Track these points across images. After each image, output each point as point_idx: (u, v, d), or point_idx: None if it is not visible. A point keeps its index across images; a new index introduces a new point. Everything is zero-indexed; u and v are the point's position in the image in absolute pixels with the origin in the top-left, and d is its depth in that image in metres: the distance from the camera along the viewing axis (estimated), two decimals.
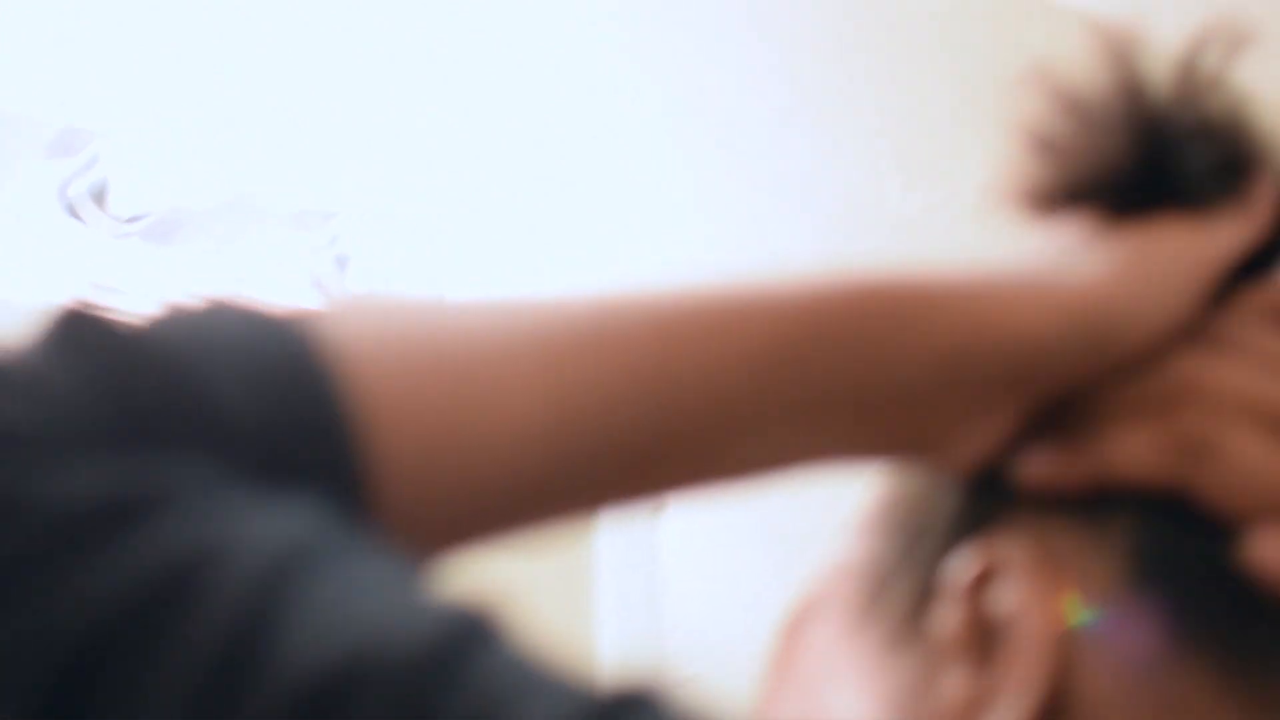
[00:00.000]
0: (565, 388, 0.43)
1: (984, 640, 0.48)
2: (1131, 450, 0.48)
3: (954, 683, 0.48)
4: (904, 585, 0.51)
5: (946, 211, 1.98)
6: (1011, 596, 0.48)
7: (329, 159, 1.68)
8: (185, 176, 1.58)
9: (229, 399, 0.38)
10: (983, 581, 0.48)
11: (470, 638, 0.36)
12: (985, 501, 0.50)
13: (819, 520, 2.02)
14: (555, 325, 0.44)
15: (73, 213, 1.53)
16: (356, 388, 0.40)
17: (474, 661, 0.35)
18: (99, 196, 1.53)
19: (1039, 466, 0.49)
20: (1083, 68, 0.51)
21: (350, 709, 0.34)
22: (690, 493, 0.47)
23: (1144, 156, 0.51)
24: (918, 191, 2.03)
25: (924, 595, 0.50)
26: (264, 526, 0.36)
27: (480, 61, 1.78)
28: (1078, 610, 0.48)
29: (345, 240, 1.68)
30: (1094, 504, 0.49)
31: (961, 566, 0.49)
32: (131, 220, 1.54)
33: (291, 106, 1.66)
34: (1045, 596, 0.48)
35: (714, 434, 0.46)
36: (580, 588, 1.77)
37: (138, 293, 1.54)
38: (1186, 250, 0.50)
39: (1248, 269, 0.51)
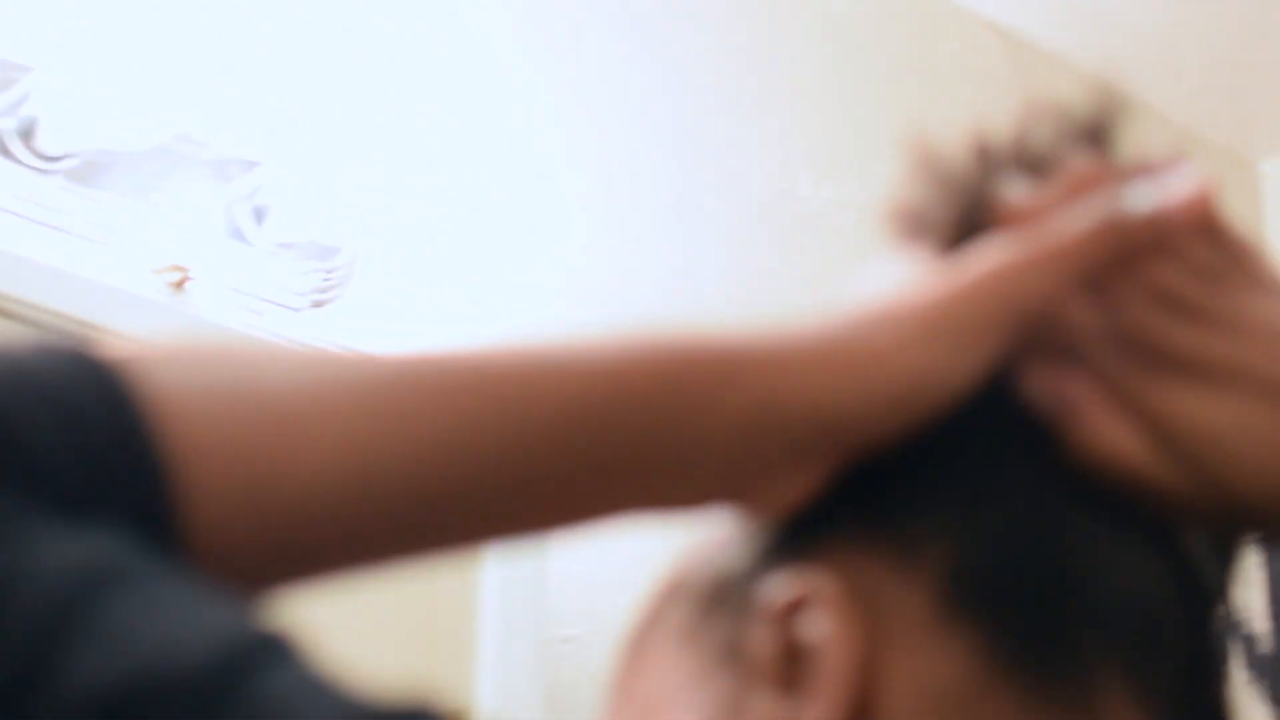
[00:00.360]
0: (373, 440, 0.44)
1: (793, 667, 0.49)
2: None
3: (762, 707, 0.49)
4: (725, 609, 0.52)
5: (854, 206, 2.04)
6: (819, 626, 0.49)
7: (256, 109, 1.69)
8: (114, 118, 1.59)
9: (40, 436, 0.39)
10: (793, 609, 0.49)
11: (258, 656, 0.37)
12: (804, 529, 0.51)
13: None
14: (372, 380, 0.45)
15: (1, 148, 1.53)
16: (170, 429, 0.41)
17: (259, 679, 0.36)
18: (27, 133, 1.53)
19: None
20: (988, 76, 0.53)
21: None
22: (504, 542, 0.49)
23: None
24: (826, 187, 2.08)
25: (742, 619, 0.51)
26: (62, 552, 0.37)
27: (402, 30, 1.81)
28: (883, 640, 0.49)
29: (266, 191, 1.69)
30: (905, 532, 0.50)
31: (775, 591, 0.50)
32: (58, 159, 1.55)
33: (225, 55, 1.67)
34: (851, 627, 0.49)
35: (519, 490, 0.47)
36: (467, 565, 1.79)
37: (60, 231, 1.54)
38: (995, 291, 0.51)
39: None
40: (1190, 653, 0.51)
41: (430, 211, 1.79)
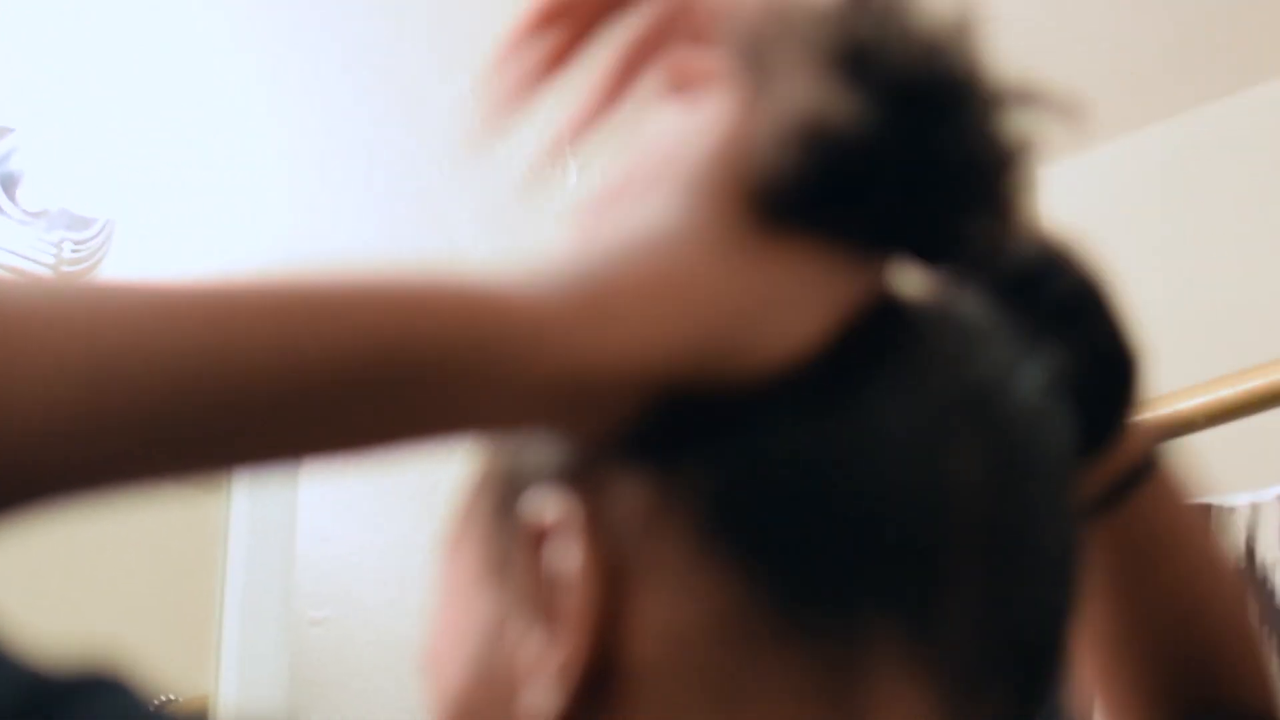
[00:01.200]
0: (107, 346, 0.41)
1: (548, 596, 0.47)
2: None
3: (516, 635, 0.47)
4: (509, 513, 0.49)
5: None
6: (568, 557, 0.46)
7: (10, 73, 1.73)
8: None
9: None
10: (548, 534, 0.47)
11: None
12: (581, 448, 0.48)
13: (453, 464, 2.14)
14: (118, 295, 0.43)
15: None
16: None
17: None
18: None
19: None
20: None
21: None
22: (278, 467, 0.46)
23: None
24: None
25: (516, 530, 0.49)
26: None
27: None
28: (638, 577, 0.46)
29: (20, 157, 1.74)
30: (666, 458, 0.47)
31: (534, 512, 0.48)
32: None
33: None
34: (597, 561, 0.46)
35: (278, 415, 0.43)
36: (215, 526, 1.70)
37: None
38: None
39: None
40: (1002, 558, 0.48)
41: (185, 180, 1.73)
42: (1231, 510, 1.66)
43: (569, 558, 0.46)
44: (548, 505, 0.47)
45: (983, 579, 0.47)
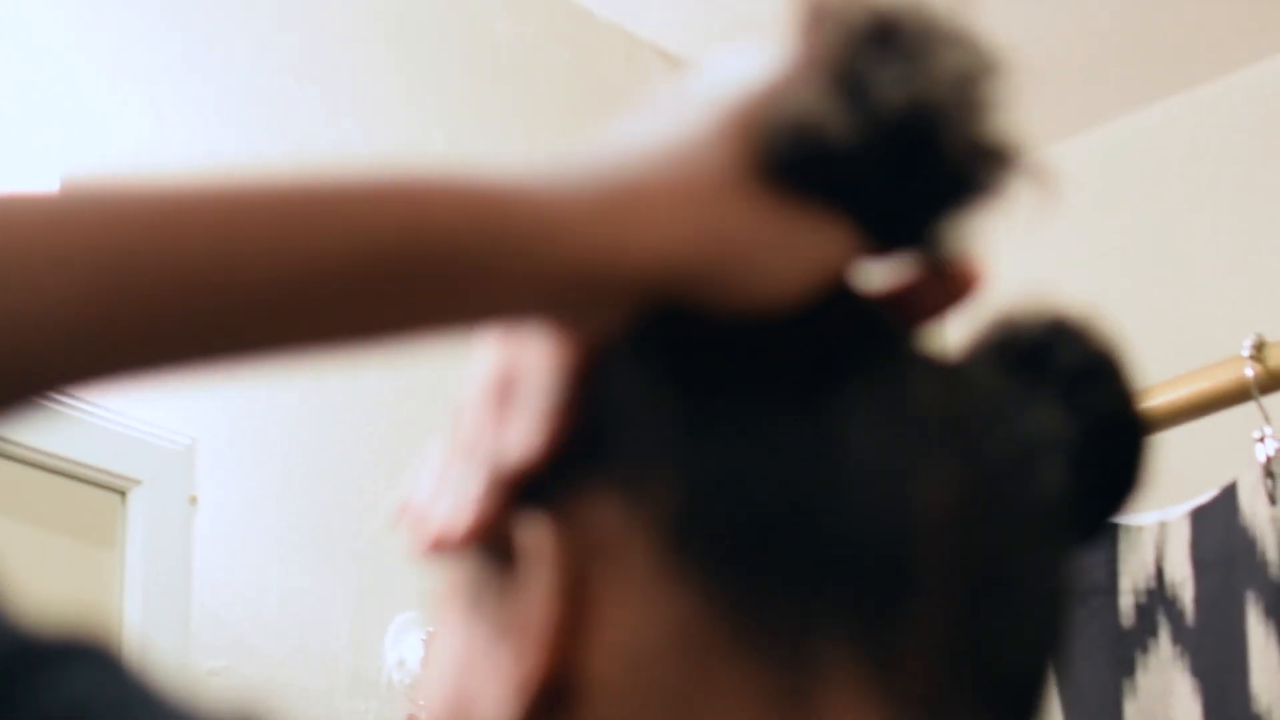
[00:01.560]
0: (113, 243, 0.42)
1: (510, 617, 0.47)
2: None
3: (486, 663, 0.47)
4: (477, 562, 0.49)
5: None
6: (534, 578, 0.46)
7: None
8: None
9: None
10: (520, 562, 0.47)
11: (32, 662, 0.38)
12: (554, 475, 0.47)
13: (352, 513, 1.94)
14: (125, 193, 0.43)
15: None
16: None
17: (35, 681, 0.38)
18: None
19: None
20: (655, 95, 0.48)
21: None
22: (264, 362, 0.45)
23: None
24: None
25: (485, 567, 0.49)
26: None
27: None
28: (598, 596, 0.46)
29: None
30: (630, 469, 0.47)
31: (505, 539, 0.47)
32: None
33: None
34: (557, 586, 0.46)
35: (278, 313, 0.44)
36: (110, 575, 1.69)
37: None
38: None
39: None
40: (973, 588, 0.47)
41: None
42: (1140, 529, 1.67)
43: (534, 579, 0.47)
44: (516, 530, 0.48)
45: (948, 608, 0.47)
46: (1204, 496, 1.66)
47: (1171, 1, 2.25)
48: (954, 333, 0.52)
